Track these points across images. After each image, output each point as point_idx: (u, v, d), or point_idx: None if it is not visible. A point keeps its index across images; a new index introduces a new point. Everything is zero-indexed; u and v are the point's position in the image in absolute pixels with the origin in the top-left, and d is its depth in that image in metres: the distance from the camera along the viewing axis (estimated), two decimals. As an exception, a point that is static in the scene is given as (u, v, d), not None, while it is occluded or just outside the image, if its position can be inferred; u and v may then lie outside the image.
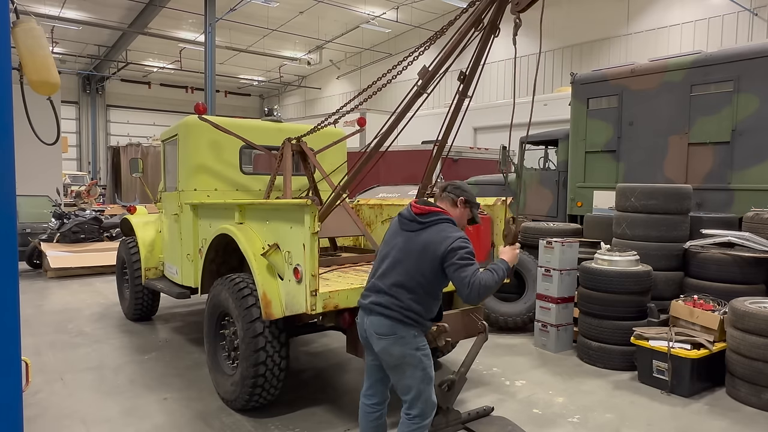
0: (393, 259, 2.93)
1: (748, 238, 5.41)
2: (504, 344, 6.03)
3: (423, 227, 2.90)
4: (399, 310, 2.83)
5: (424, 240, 2.86)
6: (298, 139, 5.43)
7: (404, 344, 2.83)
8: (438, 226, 2.89)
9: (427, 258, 2.82)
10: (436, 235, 2.84)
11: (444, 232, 2.85)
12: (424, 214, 2.93)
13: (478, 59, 3.60)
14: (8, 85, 2.23)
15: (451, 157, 10.99)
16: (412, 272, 2.84)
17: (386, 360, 2.89)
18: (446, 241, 2.80)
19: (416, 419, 2.90)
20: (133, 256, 6.64)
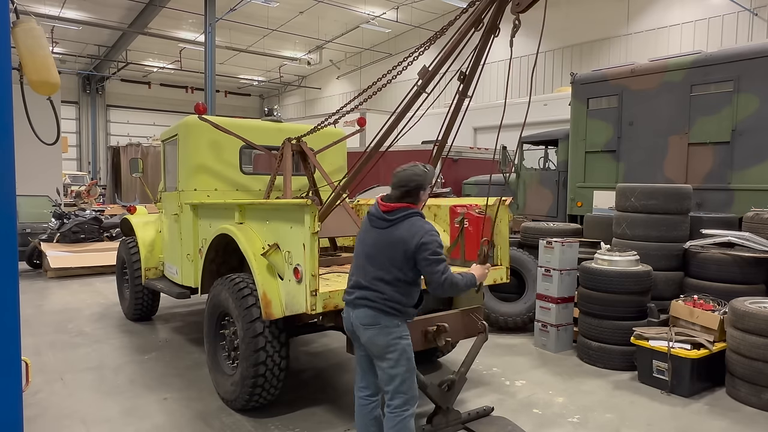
0: (368, 256, 3.05)
1: (748, 238, 5.42)
2: (504, 344, 6.03)
3: (391, 224, 3.00)
4: (382, 301, 2.97)
5: (395, 236, 2.97)
6: (298, 139, 5.43)
7: (388, 333, 2.97)
8: (406, 222, 2.98)
9: (399, 253, 2.94)
10: (405, 231, 2.95)
11: (413, 227, 2.96)
12: (390, 211, 3.02)
13: (478, 59, 3.60)
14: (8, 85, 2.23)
15: (451, 157, 10.99)
16: (388, 266, 2.97)
17: (372, 350, 3.04)
18: (416, 236, 2.91)
19: (399, 410, 3.01)
20: (133, 256, 6.64)
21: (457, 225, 4.59)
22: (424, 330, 3.91)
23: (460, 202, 4.95)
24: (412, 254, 2.93)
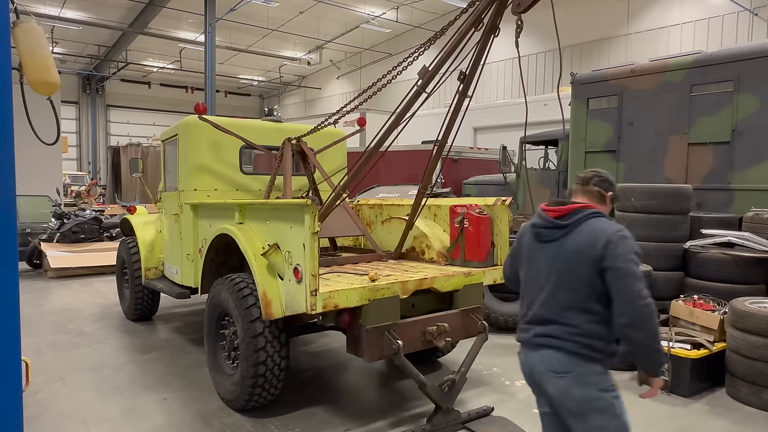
0: (546, 278, 2.35)
1: (748, 238, 5.42)
2: (504, 344, 6.02)
3: (569, 230, 2.34)
4: (575, 338, 2.25)
5: (576, 243, 2.30)
6: (298, 139, 5.43)
7: (588, 383, 2.24)
8: (588, 223, 2.32)
9: (585, 263, 2.25)
10: (589, 234, 2.28)
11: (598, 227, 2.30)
12: (565, 215, 2.37)
13: (478, 59, 3.60)
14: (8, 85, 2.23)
15: (451, 157, 11.00)
16: (578, 286, 2.27)
17: (566, 405, 2.30)
18: (602, 235, 2.25)
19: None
20: (133, 256, 6.64)
21: (457, 225, 4.59)
22: (423, 330, 3.91)
23: (460, 202, 4.95)
24: (597, 261, 2.22)
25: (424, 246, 4.99)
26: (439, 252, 4.87)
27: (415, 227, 4.92)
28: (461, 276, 4.25)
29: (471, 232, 4.52)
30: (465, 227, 4.53)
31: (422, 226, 5.00)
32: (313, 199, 3.72)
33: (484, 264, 4.50)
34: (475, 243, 4.50)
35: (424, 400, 4.40)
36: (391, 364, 5.15)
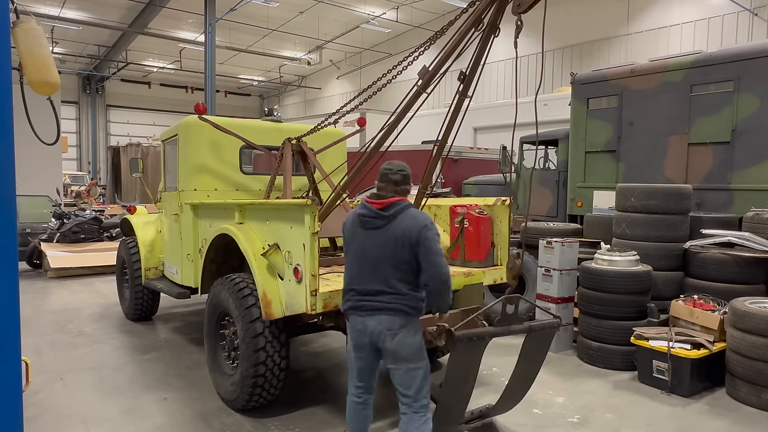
0: (373, 258, 2.96)
1: (748, 238, 5.41)
2: (504, 344, 5.99)
3: (389, 220, 2.95)
4: (403, 302, 2.91)
5: (397, 230, 2.91)
6: (298, 139, 5.43)
7: (415, 333, 2.95)
8: (405, 213, 2.95)
9: (406, 246, 2.88)
10: (410, 221, 2.91)
11: (409, 215, 2.94)
12: (386, 206, 2.97)
13: (478, 59, 3.60)
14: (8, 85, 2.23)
15: (451, 157, 10.99)
16: (399, 263, 2.91)
17: (402, 354, 2.93)
18: (416, 223, 2.89)
19: (424, 410, 2.98)
20: (133, 256, 6.64)
21: (457, 225, 4.59)
22: (423, 330, 3.91)
23: (460, 202, 4.95)
24: (416, 242, 2.87)
25: (424, 246, 4.98)
26: (439, 252, 4.86)
27: (415, 227, 4.91)
28: (461, 276, 4.25)
29: (471, 232, 4.52)
30: (465, 227, 4.53)
31: (422, 226, 4.99)
32: (313, 199, 3.72)
33: (484, 264, 4.50)
34: (475, 243, 4.50)
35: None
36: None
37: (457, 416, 3.52)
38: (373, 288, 2.95)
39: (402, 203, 2.98)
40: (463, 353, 3.19)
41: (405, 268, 2.91)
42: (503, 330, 3.38)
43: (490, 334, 3.32)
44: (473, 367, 3.34)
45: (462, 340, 3.09)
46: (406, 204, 2.99)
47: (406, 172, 3.10)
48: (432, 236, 2.88)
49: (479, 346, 3.27)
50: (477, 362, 3.37)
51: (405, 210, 2.96)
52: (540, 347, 3.62)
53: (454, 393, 3.33)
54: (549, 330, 3.55)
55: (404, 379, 2.97)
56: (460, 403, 3.42)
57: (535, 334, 3.48)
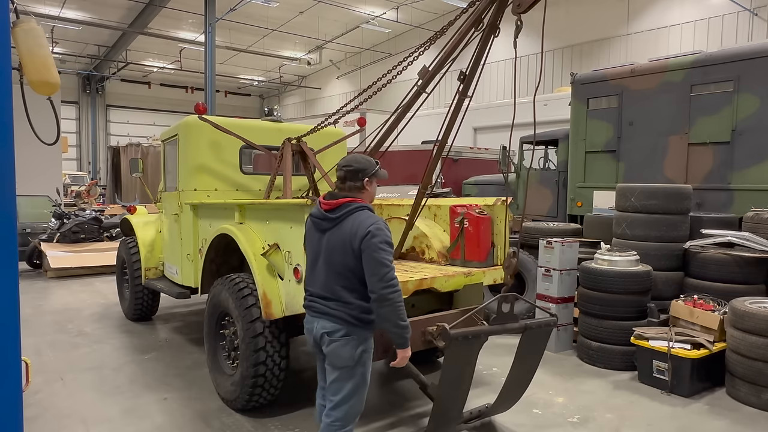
0: (321, 261, 2.82)
1: (748, 238, 5.41)
2: (504, 344, 6.01)
3: (336, 223, 2.76)
4: (348, 311, 2.74)
5: (341, 235, 2.73)
6: (298, 139, 5.43)
7: (356, 346, 2.75)
8: (351, 217, 2.73)
9: (349, 252, 2.69)
10: (350, 227, 2.70)
11: (357, 220, 2.71)
12: (333, 209, 2.78)
13: (478, 59, 3.60)
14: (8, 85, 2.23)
15: (451, 157, 10.99)
16: (343, 270, 2.73)
17: (333, 362, 2.79)
18: (360, 228, 2.66)
19: (337, 423, 2.80)
20: (133, 256, 6.64)
21: (457, 225, 4.59)
22: (423, 330, 3.91)
23: (460, 202, 4.95)
24: (358, 249, 2.65)
25: (424, 246, 4.99)
26: (439, 252, 4.87)
27: (415, 227, 4.92)
28: (461, 276, 4.25)
29: (471, 232, 4.51)
30: (465, 227, 4.53)
31: (422, 226, 5.00)
32: (313, 199, 3.72)
33: (484, 264, 4.50)
34: (475, 243, 4.50)
35: (424, 400, 4.40)
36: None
37: (454, 415, 3.52)
38: (319, 292, 2.83)
39: (351, 205, 2.76)
40: (459, 352, 3.18)
41: (350, 275, 2.72)
42: (499, 329, 3.36)
43: (486, 333, 3.30)
44: (469, 365, 3.33)
45: (457, 338, 3.07)
46: (356, 206, 2.76)
47: (353, 166, 2.82)
48: (376, 244, 2.62)
49: (475, 345, 3.25)
50: (473, 361, 3.36)
51: (353, 212, 2.74)
52: (536, 345, 3.63)
53: (450, 392, 3.32)
54: (545, 328, 3.55)
55: (332, 385, 2.83)
56: (456, 402, 3.42)
57: (531, 333, 3.48)
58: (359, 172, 2.81)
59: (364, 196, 2.84)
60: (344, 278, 2.73)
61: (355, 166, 2.82)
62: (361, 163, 2.84)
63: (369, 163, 2.86)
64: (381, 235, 2.65)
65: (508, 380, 3.68)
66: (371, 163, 2.87)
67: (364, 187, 2.83)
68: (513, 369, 3.63)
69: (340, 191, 2.85)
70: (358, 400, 2.82)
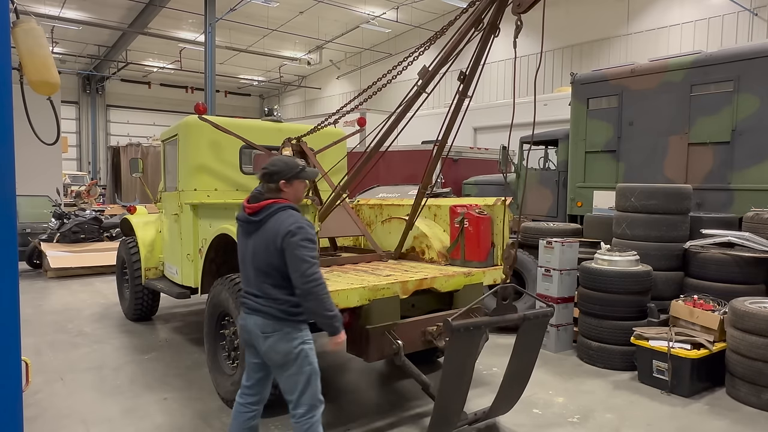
0: (249, 262, 2.93)
1: (748, 238, 5.41)
2: (504, 344, 6.02)
3: (260, 225, 2.86)
4: (277, 306, 2.84)
5: (265, 236, 2.82)
6: (298, 139, 5.43)
7: (289, 340, 2.84)
8: (274, 218, 2.83)
9: (273, 251, 2.79)
10: (273, 228, 2.80)
11: (278, 220, 2.81)
12: (255, 212, 2.88)
13: (478, 59, 3.60)
14: (8, 85, 2.23)
15: (451, 157, 10.99)
16: (268, 269, 2.84)
17: (273, 358, 2.88)
18: (281, 228, 2.76)
19: (305, 417, 2.90)
20: (133, 256, 6.64)
21: (457, 225, 4.59)
22: (423, 330, 3.91)
23: (460, 202, 4.95)
24: (281, 249, 2.76)
25: (424, 246, 4.99)
26: (439, 252, 4.87)
27: (415, 227, 4.92)
28: (461, 276, 4.25)
29: (471, 232, 4.52)
30: (465, 227, 4.53)
31: (422, 226, 5.00)
32: (313, 199, 3.72)
33: (484, 264, 4.50)
34: (475, 243, 4.50)
35: (424, 400, 4.40)
36: (391, 364, 5.15)
37: (456, 409, 3.50)
38: (250, 290, 2.94)
39: (273, 206, 2.85)
40: (461, 344, 3.18)
41: (275, 274, 2.83)
42: (499, 319, 3.38)
43: (486, 324, 3.33)
44: (470, 357, 3.34)
45: (459, 330, 3.09)
46: (278, 207, 2.85)
47: (268, 170, 2.92)
48: (296, 242, 2.72)
49: (476, 336, 3.27)
50: (474, 353, 3.37)
51: (275, 213, 2.83)
52: (534, 337, 3.63)
53: (452, 385, 3.31)
54: (543, 319, 3.56)
55: (285, 384, 2.90)
56: (458, 396, 3.41)
57: (529, 323, 3.49)
58: (274, 175, 2.91)
59: (285, 197, 2.92)
60: (271, 276, 2.84)
61: (270, 170, 2.92)
62: (276, 166, 2.93)
63: (286, 166, 2.93)
64: (301, 232, 2.75)
65: (506, 375, 3.67)
66: (289, 166, 2.94)
67: (281, 189, 2.92)
68: (512, 361, 3.64)
69: (262, 194, 2.94)
70: (315, 389, 2.93)
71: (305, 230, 2.77)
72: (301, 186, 3.02)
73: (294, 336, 2.85)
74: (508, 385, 3.71)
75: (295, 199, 2.98)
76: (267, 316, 2.85)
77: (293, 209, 2.89)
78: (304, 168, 2.99)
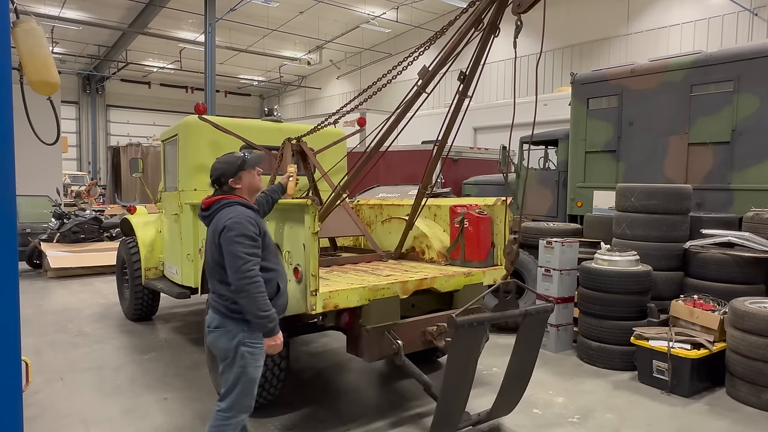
0: (205, 256, 3.04)
1: (748, 238, 5.41)
2: (504, 344, 6.02)
3: (210, 221, 2.97)
4: (223, 303, 2.89)
5: (211, 231, 2.94)
6: (298, 139, 5.43)
7: (231, 338, 2.87)
8: (219, 214, 2.92)
9: (215, 247, 2.88)
10: (215, 223, 2.90)
11: (220, 216, 2.89)
12: (207, 207, 3.00)
13: (478, 59, 3.60)
14: (8, 85, 2.23)
15: (451, 157, 10.99)
16: (214, 264, 2.92)
17: (215, 353, 3.02)
18: (219, 224, 2.85)
19: (222, 413, 2.93)
20: (133, 256, 6.64)
21: (457, 225, 4.59)
22: (423, 330, 3.91)
23: (460, 202, 4.95)
24: (218, 244, 2.83)
25: (424, 246, 4.99)
26: (439, 252, 4.87)
27: (415, 227, 4.92)
28: (461, 276, 4.25)
29: (471, 232, 4.52)
30: (465, 227, 4.53)
31: (422, 226, 5.00)
32: (313, 199, 3.72)
33: (484, 264, 4.50)
34: (475, 243, 4.50)
35: (424, 400, 4.41)
36: (391, 364, 5.15)
37: (459, 406, 3.48)
38: (209, 286, 3.05)
39: (221, 202, 2.96)
40: (464, 340, 3.19)
41: (219, 269, 2.89)
42: (500, 315, 3.40)
43: (489, 320, 3.35)
44: (473, 353, 3.34)
45: (464, 326, 3.09)
46: (224, 203, 2.95)
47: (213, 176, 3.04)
48: (231, 237, 2.76)
49: (479, 332, 3.28)
50: (477, 349, 3.38)
51: (221, 209, 2.93)
52: (535, 333, 3.64)
53: (455, 382, 3.29)
54: (543, 314, 3.58)
55: (221, 376, 2.98)
56: (461, 393, 3.39)
57: (530, 319, 3.49)
58: (219, 179, 3.03)
59: (240, 193, 3.03)
60: (217, 272, 2.92)
61: (214, 176, 3.04)
62: (218, 170, 3.03)
63: (227, 165, 3.02)
64: (236, 228, 2.77)
65: (507, 373, 3.66)
66: (229, 163, 3.02)
67: (233, 188, 3.02)
68: (512, 361, 3.63)
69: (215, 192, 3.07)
70: (243, 394, 2.92)
71: (242, 226, 2.79)
72: (251, 175, 3.06)
73: (235, 335, 2.87)
74: (509, 384, 3.71)
75: (251, 190, 3.07)
76: (214, 311, 2.94)
77: (241, 205, 2.94)
78: (245, 158, 3.05)
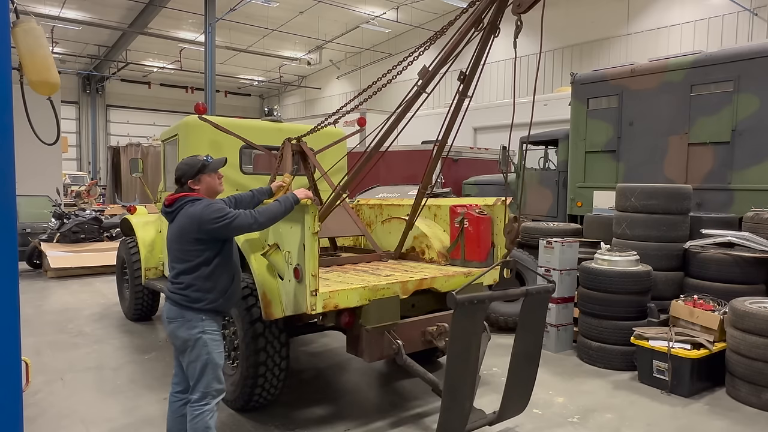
0: (167, 249, 3.22)
1: (748, 238, 5.41)
2: (504, 344, 6.01)
3: (173, 217, 3.15)
4: (182, 294, 3.06)
5: (177, 225, 3.10)
6: (298, 139, 5.43)
7: (190, 327, 3.03)
8: (184, 210, 3.09)
9: (185, 240, 3.05)
10: (184, 218, 3.06)
11: (188, 212, 3.06)
12: (171, 204, 3.17)
13: (478, 59, 3.60)
14: (8, 85, 2.23)
15: (451, 157, 10.99)
16: (181, 255, 3.09)
17: (174, 344, 3.13)
18: (194, 218, 3.02)
19: (197, 404, 3.06)
20: (133, 256, 6.64)
21: (457, 225, 4.59)
22: (423, 330, 3.91)
23: (460, 202, 4.95)
24: (197, 234, 3.01)
25: (424, 246, 4.99)
26: (439, 252, 4.87)
27: (415, 227, 4.92)
28: (461, 276, 4.25)
29: (471, 232, 4.51)
30: (465, 227, 4.53)
31: (422, 226, 5.00)
32: (313, 199, 3.72)
33: (484, 264, 4.50)
34: (475, 243, 4.50)
35: (425, 399, 4.41)
36: (391, 364, 5.15)
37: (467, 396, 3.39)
38: (168, 276, 3.23)
39: (184, 199, 3.14)
40: (465, 319, 3.15)
41: (184, 260, 3.06)
42: (501, 294, 3.39)
43: (489, 298, 3.33)
44: (475, 336, 3.29)
45: (464, 303, 3.07)
46: (187, 200, 3.12)
47: (175, 175, 3.24)
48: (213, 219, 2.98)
49: (480, 310, 3.25)
50: (479, 330, 3.34)
51: (185, 206, 3.10)
52: (537, 314, 3.60)
53: (458, 368, 3.22)
54: (545, 294, 3.56)
55: (186, 369, 3.12)
56: (465, 384, 3.31)
57: (531, 299, 3.47)
58: (180, 179, 3.23)
59: (199, 192, 3.21)
60: (180, 262, 3.09)
61: (176, 175, 3.24)
62: (180, 170, 3.23)
63: (188, 167, 3.21)
64: (210, 212, 3.00)
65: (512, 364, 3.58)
66: (190, 166, 3.21)
67: (192, 188, 3.21)
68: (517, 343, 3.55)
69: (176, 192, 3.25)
70: (212, 379, 3.08)
71: (213, 206, 3.03)
72: (210, 179, 3.24)
73: (194, 324, 3.04)
74: (515, 378, 3.62)
75: (209, 192, 3.24)
76: (172, 302, 3.09)
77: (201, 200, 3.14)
78: (206, 162, 3.21)
